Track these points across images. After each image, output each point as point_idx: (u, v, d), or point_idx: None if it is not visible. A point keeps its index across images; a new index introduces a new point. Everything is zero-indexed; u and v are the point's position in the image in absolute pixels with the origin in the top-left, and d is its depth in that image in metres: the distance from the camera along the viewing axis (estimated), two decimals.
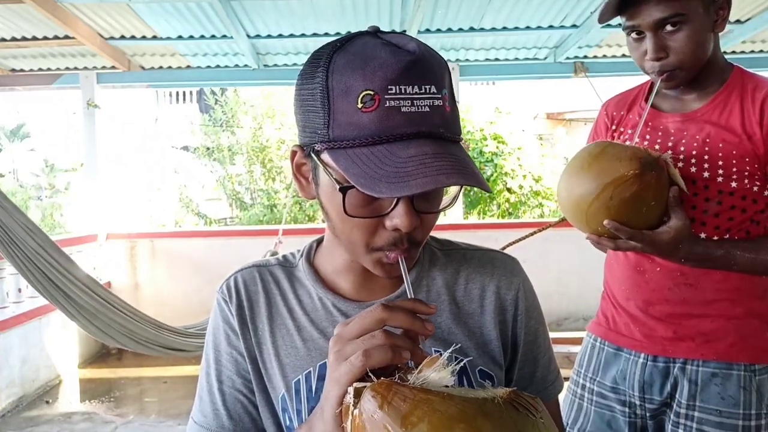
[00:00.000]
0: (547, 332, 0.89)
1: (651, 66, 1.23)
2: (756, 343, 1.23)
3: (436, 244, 0.88)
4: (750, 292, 1.24)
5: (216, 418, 0.81)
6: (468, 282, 0.84)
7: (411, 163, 0.63)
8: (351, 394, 0.58)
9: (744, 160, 1.19)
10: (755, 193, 1.21)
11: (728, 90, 1.24)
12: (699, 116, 1.25)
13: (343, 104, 0.65)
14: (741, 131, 1.20)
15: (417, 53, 0.66)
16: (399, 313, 0.62)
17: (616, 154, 1.12)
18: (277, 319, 0.82)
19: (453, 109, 0.69)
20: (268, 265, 0.86)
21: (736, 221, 1.22)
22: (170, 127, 12.91)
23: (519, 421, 0.55)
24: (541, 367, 0.87)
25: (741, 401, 1.21)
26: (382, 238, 0.70)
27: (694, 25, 1.17)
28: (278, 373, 0.80)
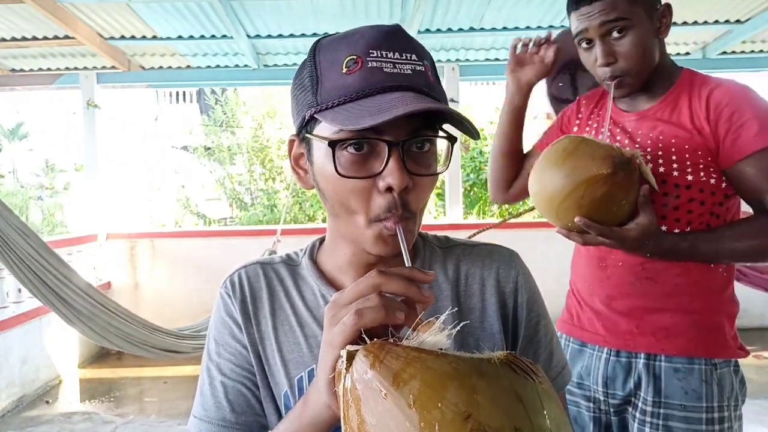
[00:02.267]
0: (549, 326, 0.88)
1: (603, 72, 1.28)
2: (715, 337, 1.28)
3: (435, 241, 0.89)
4: (708, 286, 1.27)
5: (218, 410, 0.80)
6: (468, 277, 0.85)
7: (393, 101, 0.65)
8: (344, 357, 0.57)
9: (697, 153, 1.23)
10: (712, 186, 1.24)
11: (677, 90, 1.29)
12: (651, 114, 1.30)
13: (330, 73, 0.69)
14: (691, 126, 1.25)
15: (396, 26, 0.71)
16: (395, 278, 0.61)
17: (590, 152, 1.13)
18: (280, 315, 0.82)
19: (438, 84, 0.72)
20: (272, 263, 0.87)
21: (695, 214, 1.25)
22: (170, 127, 12.91)
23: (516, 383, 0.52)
24: (542, 361, 0.86)
25: (704, 395, 1.25)
26: (377, 204, 0.70)
27: (639, 30, 1.23)
28: (281, 370, 0.80)
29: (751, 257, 1.25)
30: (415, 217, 0.73)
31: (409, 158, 0.69)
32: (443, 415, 0.49)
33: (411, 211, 0.72)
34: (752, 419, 3.48)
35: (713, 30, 5.07)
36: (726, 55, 5.49)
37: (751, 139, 1.19)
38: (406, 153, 0.69)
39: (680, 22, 4.84)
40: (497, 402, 0.50)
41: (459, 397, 0.50)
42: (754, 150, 1.19)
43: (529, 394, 0.52)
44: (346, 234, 0.77)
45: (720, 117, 1.22)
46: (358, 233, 0.74)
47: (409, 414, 0.50)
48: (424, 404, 0.50)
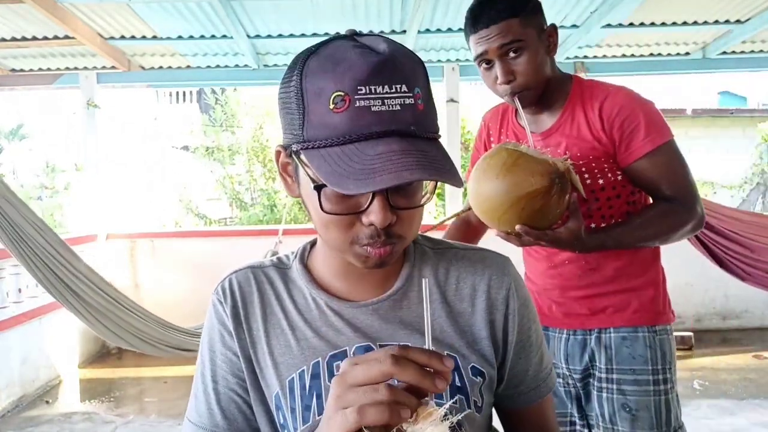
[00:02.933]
0: (539, 330, 0.90)
1: (503, 89, 1.43)
2: (653, 307, 1.49)
3: (428, 243, 0.89)
4: (640, 265, 1.50)
5: (210, 417, 0.82)
6: (459, 281, 0.85)
7: (378, 160, 0.64)
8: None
9: (600, 160, 1.43)
10: (621, 182, 1.45)
11: (571, 104, 1.46)
12: (554, 131, 1.48)
13: (316, 106, 0.67)
14: (591, 137, 1.43)
15: (386, 54, 0.68)
16: (409, 368, 0.58)
17: (529, 168, 1.24)
18: (271, 319, 0.83)
19: (428, 106, 0.71)
20: (263, 267, 0.88)
21: (615, 208, 1.46)
22: (170, 127, 12.91)
23: None
24: (533, 365, 0.88)
25: (649, 358, 1.45)
26: (360, 233, 0.72)
27: (532, 50, 1.39)
28: (273, 372, 0.81)
29: (661, 237, 1.44)
30: (403, 240, 0.74)
31: (394, 193, 0.70)
32: None
33: (397, 236, 0.73)
34: (752, 419, 3.48)
35: (713, 30, 5.07)
36: (726, 55, 5.49)
37: (641, 143, 1.39)
38: (391, 189, 0.68)
39: (680, 22, 4.84)
40: None
41: None
42: (645, 152, 1.39)
43: None
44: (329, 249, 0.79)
45: (613, 126, 1.41)
46: (341, 252, 0.75)
47: None
48: None
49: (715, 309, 5.33)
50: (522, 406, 0.90)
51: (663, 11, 4.62)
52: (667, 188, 1.41)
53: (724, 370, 4.31)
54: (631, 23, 4.84)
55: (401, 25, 4.77)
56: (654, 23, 4.89)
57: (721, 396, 3.81)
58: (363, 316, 0.82)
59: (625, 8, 4.39)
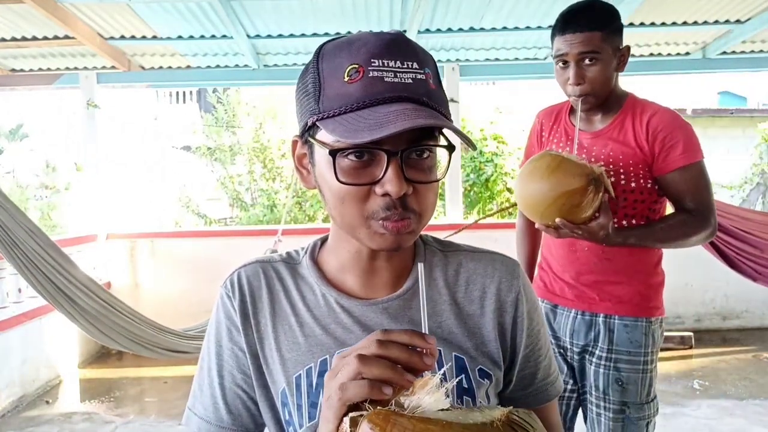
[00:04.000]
0: (547, 334, 0.90)
1: (572, 90, 1.64)
2: (650, 303, 1.72)
3: (437, 245, 0.89)
4: (645, 267, 1.73)
5: (215, 411, 0.82)
6: (469, 283, 0.85)
7: (392, 114, 0.66)
8: (347, 424, 0.57)
9: (638, 166, 1.65)
10: (649, 189, 1.67)
11: (624, 114, 1.68)
12: (603, 134, 1.70)
13: (332, 80, 0.70)
14: (634, 144, 1.65)
15: (398, 34, 0.71)
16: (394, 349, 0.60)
17: (571, 170, 1.48)
18: (279, 314, 0.83)
19: (439, 90, 0.73)
20: (272, 261, 0.87)
21: (638, 210, 1.69)
22: (170, 127, 12.90)
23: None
24: (542, 369, 0.88)
25: (643, 344, 1.69)
26: (375, 203, 0.71)
27: (605, 63, 1.60)
28: (279, 368, 0.80)
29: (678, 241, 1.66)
30: (419, 217, 0.74)
31: (408, 166, 0.70)
32: None
33: (413, 211, 0.72)
34: (752, 419, 3.48)
35: (713, 30, 5.07)
36: (726, 55, 5.48)
37: (677, 157, 1.62)
38: (405, 161, 0.70)
39: (680, 22, 4.84)
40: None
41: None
42: (678, 166, 1.62)
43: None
44: (345, 230, 0.77)
45: (656, 139, 1.63)
46: (356, 231, 0.74)
47: None
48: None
49: (715, 309, 5.33)
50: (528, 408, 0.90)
51: (663, 11, 4.62)
52: (691, 200, 1.65)
53: (724, 370, 4.31)
54: (631, 23, 4.84)
55: (401, 25, 4.77)
56: (654, 23, 4.89)
57: (721, 396, 3.81)
58: (372, 314, 0.81)
59: (625, 8, 4.39)
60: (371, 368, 0.59)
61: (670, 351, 4.72)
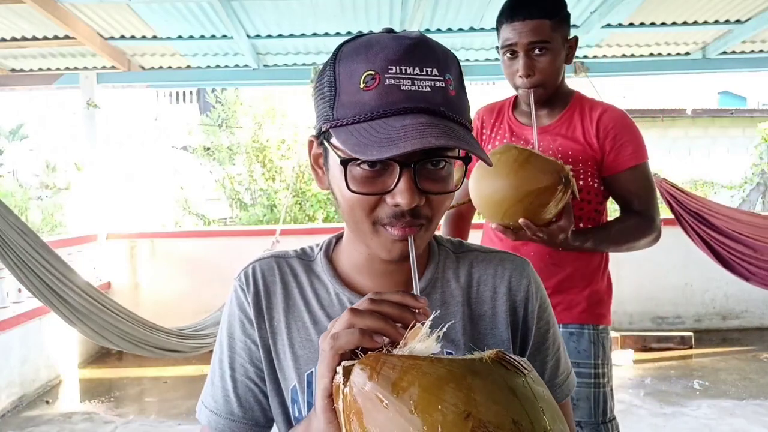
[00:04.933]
0: (557, 334, 0.89)
1: (522, 82, 1.56)
2: (598, 310, 1.64)
3: (449, 246, 0.89)
4: (594, 272, 1.65)
5: (226, 404, 0.82)
6: (480, 284, 0.85)
7: (404, 130, 0.64)
8: (340, 374, 0.58)
9: (587, 163, 1.59)
10: (596, 189, 1.62)
11: (572, 110, 1.62)
12: (551, 130, 1.63)
13: (348, 86, 0.68)
14: (583, 141, 1.59)
15: (418, 39, 0.68)
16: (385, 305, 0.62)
17: (540, 166, 1.37)
18: (293, 310, 0.83)
19: (460, 95, 0.70)
20: (287, 257, 0.87)
21: (584, 211, 1.62)
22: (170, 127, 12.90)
23: (508, 378, 0.55)
24: (549, 369, 0.87)
25: (591, 353, 1.60)
26: (383, 211, 0.71)
27: (555, 53, 1.54)
28: (291, 365, 0.80)
29: (631, 244, 1.60)
30: (429, 224, 0.73)
31: (422, 176, 0.69)
32: (444, 416, 0.51)
33: (425, 218, 0.72)
34: (752, 419, 3.48)
35: (713, 30, 5.06)
36: (726, 55, 5.48)
37: (628, 156, 1.57)
38: (419, 171, 0.68)
39: (680, 22, 4.84)
40: (493, 398, 0.52)
41: (457, 397, 0.52)
42: (629, 165, 1.57)
43: (522, 387, 0.55)
44: (355, 236, 0.77)
45: (606, 136, 1.57)
46: (366, 238, 0.74)
47: (412, 419, 0.51)
48: (424, 408, 0.51)
49: (715, 309, 5.33)
50: None
51: (663, 11, 4.62)
52: (639, 203, 1.61)
53: (724, 370, 4.31)
54: (631, 23, 4.83)
55: (401, 25, 4.76)
56: (654, 23, 4.88)
57: (721, 396, 3.81)
58: None
59: (625, 8, 4.38)
60: (363, 319, 0.60)
61: (670, 351, 4.73)
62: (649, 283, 5.22)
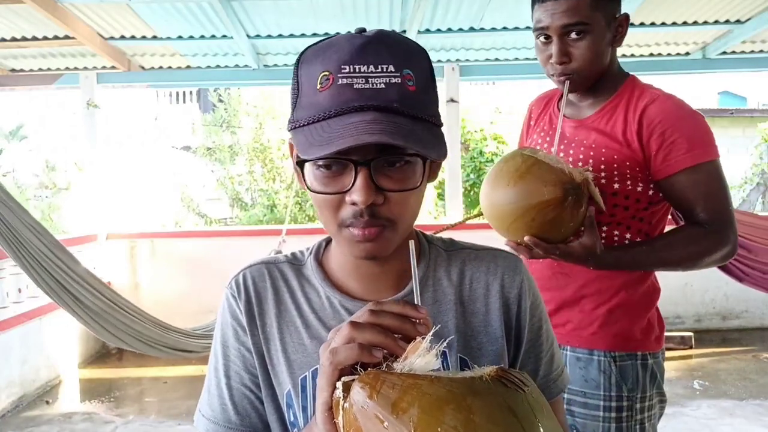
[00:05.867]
0: (550, 330, 0.89)
1: (554, 68, 1.34)
2: (615, 331, 1.35)
3: (441, 244, 0.89)
4: (615, 284, 1.36)
5: (223, 412, 0.82)
6: (473, 281, 0.85)
7: (347, 128, 0.65)
8: (340, 389, 0.58)
9: (625, 164, 1.32)
10: (639, 193, 1.33)
11: (617, 100, 1.36)
12: (589, 123, 1.39)
13: (307, 88, 0.70)
14: (622, 139, 1.33)
15: (374, 36, 0.69)
16: (385, 317, 0.62)
17: (542, 176, 1.17)
18: (285, 315, 0.83)
19: (424, 92, 0.70)
20: (277, 262, 0.87)
21: (617, 218, 1.35)
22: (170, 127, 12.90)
23: (508, 397, 0.55)
24: (544, 364, 0.87)
25: (601, 384, 1.33)
26: (345, 212, 0.72)
27: (595, 36, 1.30)
28: (285, 370, 0.80)
29: (685, 263, 1.34)
30: (394, 225, 0.73)
31: (381, 174, 0.69)
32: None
33: (387, 219, 0.72)
34: (752, 419, 3.48)
35: (713, 30, 5.06)
36: (726, 55, 5.48)
37: (681, 156, 1.28)
38: (377, 169, 0.69)
39: (680, 22, 4.84)
40: (493, 419, 0.53)
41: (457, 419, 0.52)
42: (684, 167, 1.28)
43: (522, 407, 0.55)
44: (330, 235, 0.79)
45: (653, 133, 1.30)
46: (334, 236, 0.76)
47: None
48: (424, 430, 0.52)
49: (715, 309, 5.33)
50: None
51: (663, 11, 4.62)
52: (702, 210, 1.31)
53: (724, 370, 4.31)
54: (631, 23, 4.83)
55: (401, 25, 4.77)
56: (654, 23, 4.89)
57: (721, 396, 3.81)
58: None
59: (625, 8, 4.37)
60: (363, 333, 0.60)
61: (670, 351, 4.73)
62: None
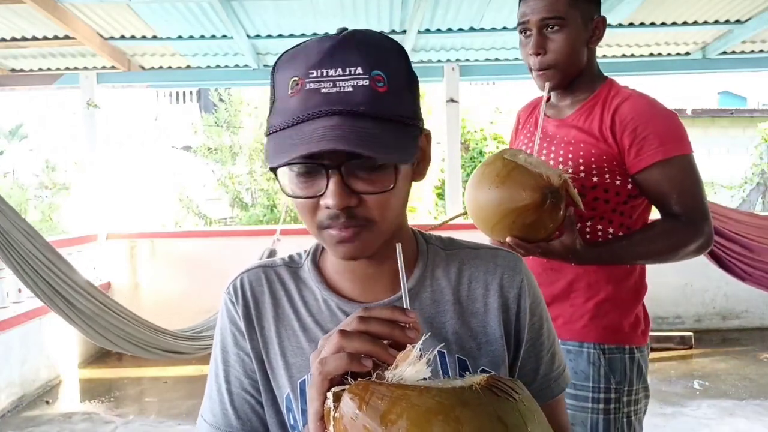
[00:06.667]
0: (551, 329, 0.89)
1: (533, 61, 1.43)
2: (605, 324, 1.41)
3: (439, 243, 0.88)
4: (603, 278, 1.43)
5: (224, 417, 0.82)
6: (471, 281, 0.84)
7: (310, 135, 0.65)
8: (330, 399, 0.58)
9: (602, 158, 1.39)
10: (618, 187, 1.40)
11: (594, 100, 1.44)
12: (569, 122, 1.46)
13: (281, 94, 0.70)
14: (598, 134, 1.40)
15: (342, 38, 0.69)
16: (374, 323, 0.62)
17: (521, 181, 1.24)
18: (283, 319, 0.83)
19: (397, 91, 0.70)
20: (274, 266, 0.87)
21: (598, 211, 1.41)
22: (170, 127, 12.90)
23: (498, 406, 0.55)
24: (544, 363, 0.87)
25: (591, 376, 1.39)
26: (321, 214, 0.72)
27: (572, 32, 1.38)
28: (284, 373, 0.80)
29: (662, 256, 1.40)
30: (373, 225, 0.72)
31: (354, 177, 0.69)
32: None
33: (365, 219, 0.71)
34: (752, 419, 3.48)
35: (713, 30, 5.07)
36: (726, 55, 5.49)
37: (653, 151, 1.35)
38: (350, 173, 0.68)
39: (680, 22, 4.84)
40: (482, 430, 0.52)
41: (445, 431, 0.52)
42: (655, 160, 1.35)
43: (512, 416, 0.54)
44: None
45: (625, 129, 1.37)
46: (316, 238, 0.76)
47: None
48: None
49: (715, 309, 5.33)
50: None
51: (663, 11, 4.62)
52: (676, 203, 1.36)
53: (724, 370, 4.31)
54: (631, 23, 4.84)
55: (401, 25, 4.77)
56: (654, 23, 4.89)
57: (721, 396, 3.81)
58: None
59: (625, 8, 4.39)
60: (352, 342, 0.60)
61: (670, 351, 4.73)
62: (649, 283, 5.21)
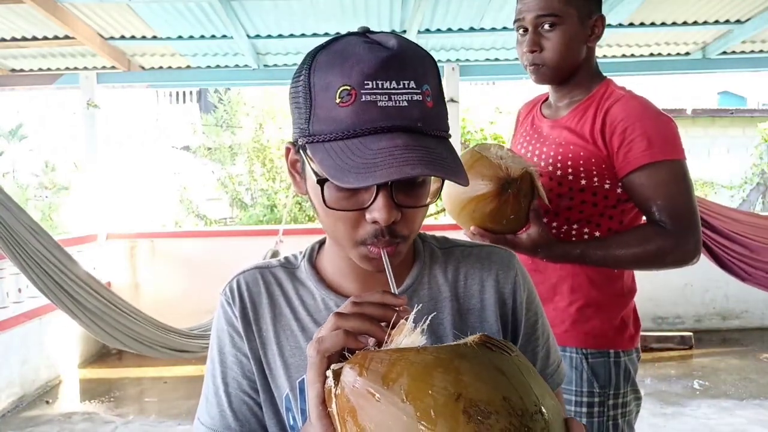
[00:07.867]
0: (546, 324, 0.90)
1: (526, 58, 1.41)
2: (586, 329, 1.39)
3: (435, 242, 0.89)
4: (589, 281, 1.40)
5: (222, 419, 0.81)
6: (467, 278, 0.85)
7: (380, 154, 0.64)
8: (330, 377, 0.59)
9: (590, 161, 1.36)
10: (606, 191, 1.37)
11: (590, 101, 1.41)
12: (563, 123, 1.44)
13: (323, 100, 0.67)
14: (588, 137, 1.37)
15: (395, 49, 0.67)
16: (367, 306, 0.64)
17: (481, 172, 1.27)
18: (281, 320, 0.83)
19: (438, 105, 0.70)
20: (270, 267, 0.87)
21: (585, 214, 1.39)
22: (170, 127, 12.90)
23: (495, 359, 0.56)
24: (540, 359, 0.88)
25: (573, 380, 1.38)
26: (364, 231, 0.71)
27: (567, 29, 1.36)
28: (283, 373, 0.81)
29: (640, 264, 1.36)
30: (406, 240, 0.74)
31: (399, 191, 0.69)
32: (435, 400, 0.52)
33: (401, 236, 0.72)
34: (752, 419, 3.48)
35: (713, 30, 5.07)
36: (726, 55, 5.48)
37: (640, 154, 1.31)
38: (396, 186, 0.68)
39: (680, 22, 4.84)
40: (482, 378, 0.54)
41: (446, 380, 0.53)
42: (642, 164, 1.31)
43: (510, 367, 0.56)
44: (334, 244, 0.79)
45: (615, 131, 1.34)
46: (344, 249, 0.75)
47: (405, 408, 0.52)
48: (416, 396, 0.52)
49: (715, 309, 5.33)
50: None
51: (663, 11, 4.62)
52: (660, 210, 1.31)
53: (724, 370, 4.31)
54: (631, 23, 4.84)
55: (401, 25, 4.77)
56: (654, 23, 4.89)
57: (721, 396, 3.81)
58: None
59: (625, 8, 4.39)
60: (347, 321, 0.62)
61: (670, 351, 4.73)
62: (649, 283, 5.19)
